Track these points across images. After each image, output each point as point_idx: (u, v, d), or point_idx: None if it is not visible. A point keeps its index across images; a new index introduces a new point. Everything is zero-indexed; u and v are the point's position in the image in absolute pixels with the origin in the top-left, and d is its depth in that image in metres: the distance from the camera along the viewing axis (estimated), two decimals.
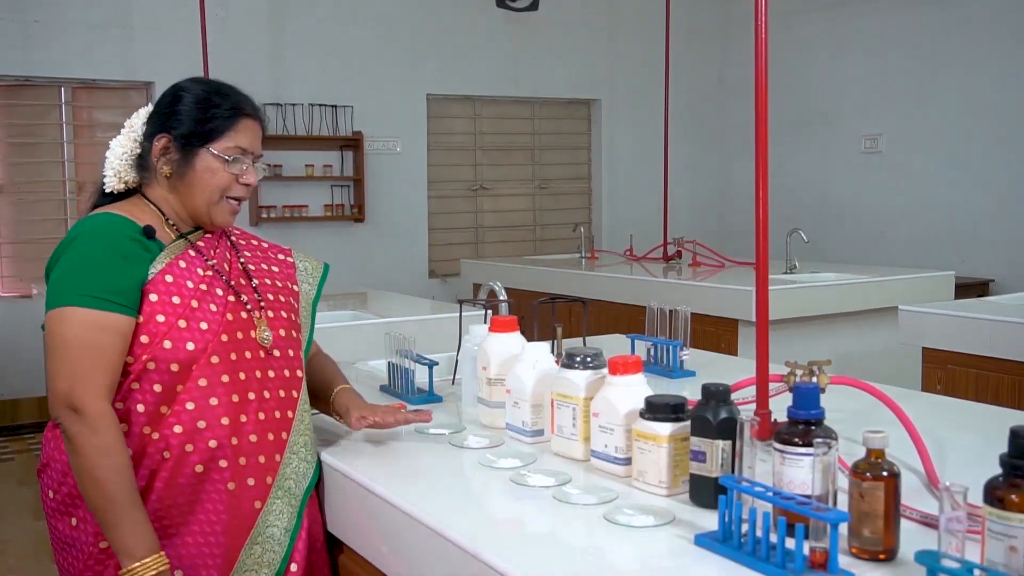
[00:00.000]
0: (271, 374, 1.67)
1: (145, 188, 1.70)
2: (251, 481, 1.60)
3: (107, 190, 1.70)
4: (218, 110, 1.66)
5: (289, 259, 1.87)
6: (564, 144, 8.12)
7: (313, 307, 1.86)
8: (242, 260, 1.76)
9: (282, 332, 1.72)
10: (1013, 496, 1.02)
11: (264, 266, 1.80)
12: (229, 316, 1.63)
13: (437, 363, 2.12)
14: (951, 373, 3.14)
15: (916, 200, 6.81)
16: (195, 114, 1.66)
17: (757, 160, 1.50)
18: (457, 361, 2.14)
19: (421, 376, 2.08)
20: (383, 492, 1.48)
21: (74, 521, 1.59)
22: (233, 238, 1.80)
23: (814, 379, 1.54)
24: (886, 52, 6.95)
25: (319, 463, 1.71)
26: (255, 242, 1.86)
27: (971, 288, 5.89)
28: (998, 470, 1.06)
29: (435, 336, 2.71)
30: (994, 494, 1.04)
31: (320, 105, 6.90)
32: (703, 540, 1.22)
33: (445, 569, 1.31)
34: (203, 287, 1.63)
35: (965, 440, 1.70)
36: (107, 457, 1.48)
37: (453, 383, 2.18)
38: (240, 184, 1.69)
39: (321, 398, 1.84)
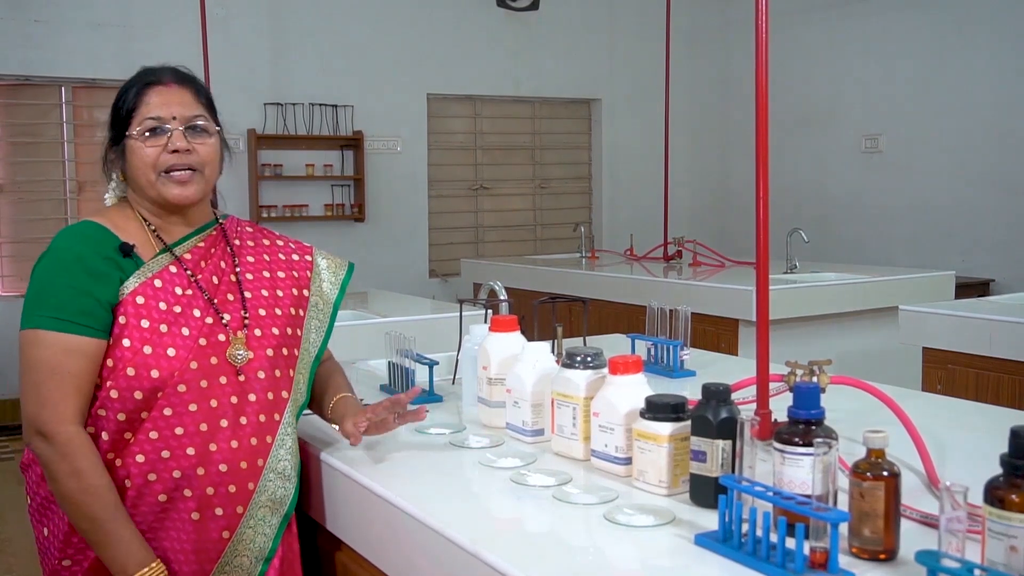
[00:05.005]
0: (251, 398, 1.59)
1: (129, 196, 1.67)
2: (219, 511, 1.55)
3: (107, 204, 1.68)
4: (126, 94, 1.62)
5: (307, 258, 1.79)
6: (564, 144, 8.12)
7: (335, 306, 1.80)
8: (238, 270, 1.68)
9: (270, 352, 1.63)
10: (1013, 496, 1.02)
11: (266, 273, 1.71)
12: (202, 341, 1.56)
13: (437, 363, 2.12)
14: (951, 373, 3.14)
15: (916, 200, 6.81)
16: (112, 109, 1.63)
17: (757, 160, 1.50)
18: (457, 361, 2.14)
19: (421, 376, 2.08)
20: (383, 492, 1.48)
21: (46, 532, 1.59)
22: (237, 242, 1.72)
23: (814, 379, 1.54)
24: (886, 52, 6.95)
25: (299, 485, 1.66)
26: (267, 241, 1.78)
27: (971, 288, 5.89)
28: (998, 470, 1.06)
29: (435, 336, 2.71)
30: (994, 494, 1.03)
31: (320, 105, 6.90)
32: (703, 540, 1.22)
33: (445, 569, 1.31)
34: (177, 309, 1.56)
35: (965, 440, 1.70)
36: (80, 480, 1.46)
37: (453, 383, 2.18)
38: (168, 154, 1.58)
39: (321, 403, 1.77)
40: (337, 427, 1.72)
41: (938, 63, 6.62)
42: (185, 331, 1.55)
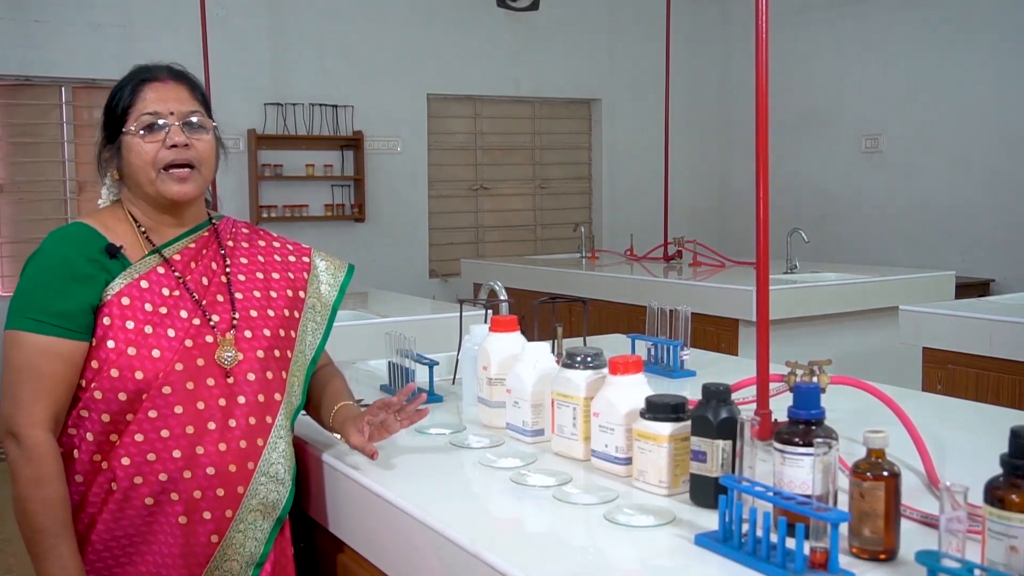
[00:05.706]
0: (241, 400, 1.57)
1: (122, 197, 1.66)
2: (207, 515, 1.54)
3: (101, 205, 1.67)
4: (121, 91, 1.61)
5: (305, 259, 1.78)
6: (564, 144, 8.12)
7: (333, 308, 1.78)
8: (228, 271, 1.66)
9: (260, 353, 1.61)
10: (1013, 496, 1.02)
11: (260, 274, 1.70)
12: (188, 342, 1.55)
13: (437, 363, 2.12)
14: (951, 373, 3.14)
15: (916, 200, 6.81)
16: (107, 107, 1.63)
17: (757, 160, 1.50)
18: (457, 361, 2.14)
19: (421, 376, 2.08)
20: (383, 492, 1.48)
21: None
22: (231, 243, 1.70)
23: (814, 379, 1.54)
24: (886, 52, 6.95)
25: (293, 489, 1.65)
26: (263, 243, 1.76)
27: (971, 288, 5.89)
28: (998, 470, 1.06)
29: (435, 336, 2.71)
30: (994, 494, 1.04)
31: (320, 105, 6.89)
32: (703, 540, 1.22)
33: (445, 569, 1.31)
34: (163, 310, 1.55)
35: (965, 440, 1.70)
36: (38, 488, 1.46)
37: (453, 383, 2.18)
38: (167, 149, 1.57)
39: (320, 411, 1.75)
40: (339, 437, 1.68)
41: (938, 63, 6.62)
42: (171, 332, 1.54)
